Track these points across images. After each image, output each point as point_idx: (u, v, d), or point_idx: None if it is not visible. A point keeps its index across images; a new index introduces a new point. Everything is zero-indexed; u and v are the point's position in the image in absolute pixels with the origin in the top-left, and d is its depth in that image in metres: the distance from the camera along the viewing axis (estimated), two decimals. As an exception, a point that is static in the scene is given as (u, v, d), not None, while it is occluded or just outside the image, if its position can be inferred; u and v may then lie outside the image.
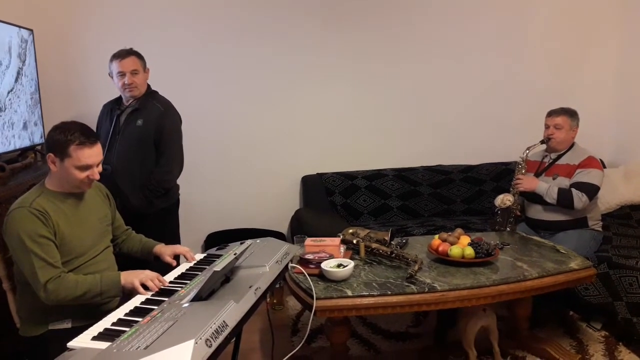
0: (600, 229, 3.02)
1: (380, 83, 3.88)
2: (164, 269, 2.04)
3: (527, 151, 3.01)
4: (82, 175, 1.83)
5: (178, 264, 2.13)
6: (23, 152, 2.98)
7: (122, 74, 2.71)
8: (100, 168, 1.89)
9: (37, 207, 1.76)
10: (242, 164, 3.79)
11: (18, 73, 2.90)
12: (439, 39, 3.89)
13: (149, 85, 2.87)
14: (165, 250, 2.14)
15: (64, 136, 1.78)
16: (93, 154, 1.83)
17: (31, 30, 3.08)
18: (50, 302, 1.73)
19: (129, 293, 1.81)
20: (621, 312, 2.65)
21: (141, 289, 1.77)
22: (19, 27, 2.93)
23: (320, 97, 3.82)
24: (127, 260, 2.19)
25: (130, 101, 2.79)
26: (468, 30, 3.91)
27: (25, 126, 2.96)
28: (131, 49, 2.77)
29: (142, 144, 2.73)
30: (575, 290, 2.76)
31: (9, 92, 2.78)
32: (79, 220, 1.89)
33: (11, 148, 2.79)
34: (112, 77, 2.79)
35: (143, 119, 2.74)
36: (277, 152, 3.82)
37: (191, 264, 2.09)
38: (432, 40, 3.88)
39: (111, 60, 2.75)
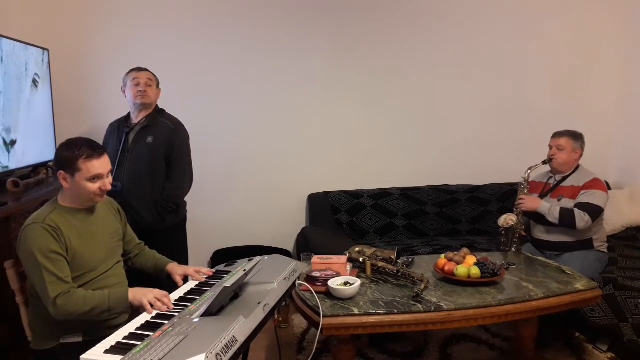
0: (605, 251, 3.03)
1: (386, 103, 3.93)
2: (175, 286, 2.07)
3: (529, 171, 3.03)
4: (94, 186, 1.87)
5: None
6: (35, 168, 3.03)
7: (137, 82, 2.78)
8: (110, 179, 1.93)
9: (50, 223, 1.79)
10: (249, 182, 3.83)
11: (34, 91, 2.97)
12: (445, 61, 3.95)
13: (156, 104, 2.94)
14: (177, 270, 2.15)
15: (72, 152, 1.83)
16: (102, 165, 1.87)
17: (47, 50, 3.16)
18: (59, 316, 1.75)
19: (137, 308, 1.82)
20: (627, 333, 2.65)
21: (149, 308, 1.78)
22: (36, 46, 3.01)
23: (327, 116, 3.87)
24: (139, 276, 2.22)
25: (140, 119, 2.83)
26: (474, 52, 3.97)
27: (39, 143, 3.02)
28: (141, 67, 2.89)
29: (153, 160, 2.78)
30: (581, 311, 2.76)
31: (25, 110, 2.84)
32: (90, 236, 1.92)
33: (24, 164, 2.85)
34: (124, 91, 2.85)
35: (153, 136, 2.79)
36: (284, 170, 3.86)
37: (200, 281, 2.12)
38: (438, 61, 3.94)
39: (127, 73, 2.84)
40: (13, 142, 2.74)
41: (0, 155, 2.63)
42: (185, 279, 2.14)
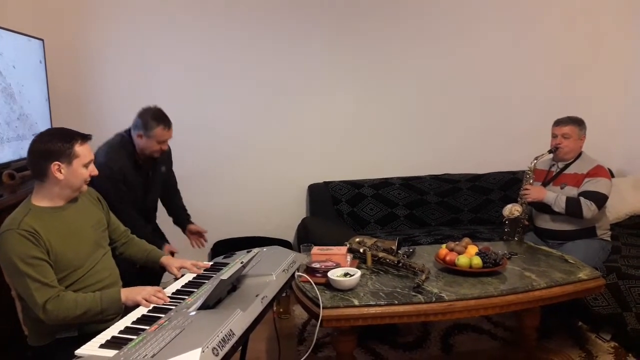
0: (609, 239, 3.00)
1: (387, 92, 3.89)
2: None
3: (535, 161, 2.99)
4: (86, 172, 1.86)
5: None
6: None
7: (164, 142, 2.68)
8: None
9: (26, 228, 1.71)
10: (249, 173, 3.80)
11: (31, 82, 2.96)
12: (447, 49, 3.90)
13: None
14: (173, 262, 2.13)
15: (66, 140, 1.80)
16: (91, 149, 1.90)
17: (42, 40, 3.12)
18: (50, 322, 1.70)
19: (131, 308, 1.78)
20: (630, 322, 2.63)
21: (145, 303, 1.76)
22: (31, 37, 2.97)
23: (327, 106, 3.83)
24: (129, 266, 2.21)
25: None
26: (476, 41, 3.92)
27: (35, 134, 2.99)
28: (167, 116, 2.67)
29: (163, 183, 3.00)
30: (584, 300, 2.74)
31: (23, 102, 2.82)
32: (71, 233, 1.85)
33: (19, 157, 2.82)
34: (142, 135, 2.62)
35: (165, 165, 2.93)
36: (284, 160, 3.84)
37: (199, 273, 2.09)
38: (439, 50, 3.89)
39: (154, 125, 2.59)
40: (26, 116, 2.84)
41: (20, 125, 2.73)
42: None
